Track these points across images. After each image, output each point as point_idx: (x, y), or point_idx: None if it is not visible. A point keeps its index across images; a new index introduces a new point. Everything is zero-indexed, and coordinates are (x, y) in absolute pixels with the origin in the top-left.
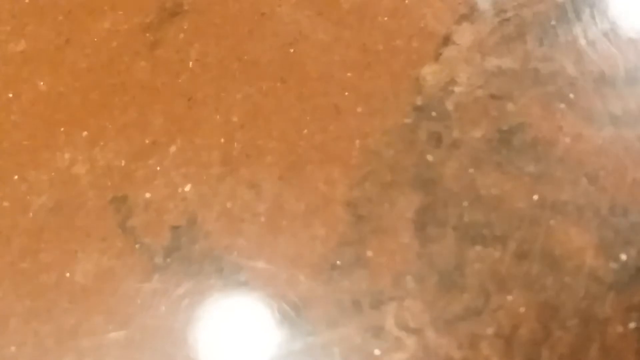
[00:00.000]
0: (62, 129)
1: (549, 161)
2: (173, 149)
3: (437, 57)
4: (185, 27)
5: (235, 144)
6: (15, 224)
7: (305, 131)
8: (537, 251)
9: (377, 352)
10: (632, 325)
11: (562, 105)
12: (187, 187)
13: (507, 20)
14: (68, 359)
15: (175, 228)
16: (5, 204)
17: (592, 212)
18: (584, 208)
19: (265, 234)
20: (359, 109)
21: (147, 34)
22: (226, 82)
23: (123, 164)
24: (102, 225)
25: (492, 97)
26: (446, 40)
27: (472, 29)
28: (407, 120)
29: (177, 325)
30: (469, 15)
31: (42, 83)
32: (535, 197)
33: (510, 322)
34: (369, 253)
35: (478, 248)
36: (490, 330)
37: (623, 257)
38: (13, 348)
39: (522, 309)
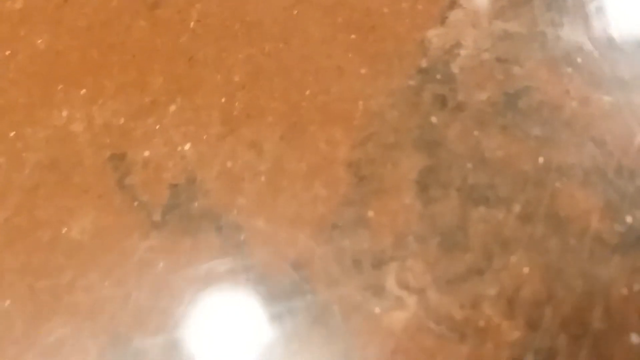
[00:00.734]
0: (59, 87)
1: (555, 124)
2: (173, 108)
3: (443, 20)
4: None
5: (237, 103)
6: (10, 180)
7: (308, 92)
8: (541, 213)
9: (377, 310)
10: (636, 287)
11: (569, 70)
12: (187, 146)
13: None
14: (63, 314)
15: (173, 186)
16: (1, 160)
17: (598, 175)
18: (590, 171)
19: (266, 193)
20: (363, 71)
21: None
22: (228, 42)
23: (122, 122)
24: (100, 183)
25: (498, 60)
26: (452, 3)
27: None
28: (412, 83)
29: (174, 282)
30: None
31: (40, 41)
32: (541, 159)
33: (513, 283)
34: (371, 213)
35: (482, 209)
36: (492, 291)
37: (629, 219)
38: (7, 302)
39: (525, 270)
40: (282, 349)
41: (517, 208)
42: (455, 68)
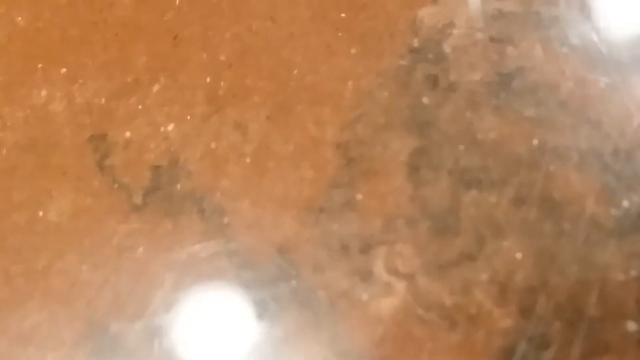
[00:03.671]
0: (39, 65)
1: (550, 106)
2: (156, 87)
3: None
4: None
5: (222, 83)
6: None
7: (296, 71)
8: (535, 196)
9: (365, 296)
10: (633, 272)
11: (565, 50)
12: (170, 127)
13: None
14: (38, 300)
15: (155, 168)
16: None
17: (594, 157)
18: (585, 153)
19: (251, 175)
20: (353, 50)
21: None
22: (214, 20)
23: (103, 102)
24: (79, 164)
25: (492, 40)
26: None
27: None
28: (403, 62)
29: (154, 267)
30: None
31: (19, 18)
32: (535, 141)
33: (506, 268)
34: (359, 196)
35: (474, 192)
36: (484, 276)
37: (625, 203)
38: None
39: (518, 255)
40: (266, 336)
41: (510, 191)
42: (447, 48)
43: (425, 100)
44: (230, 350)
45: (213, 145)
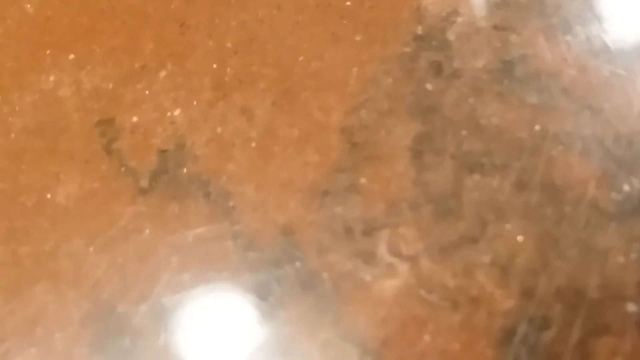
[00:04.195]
0: (48, 52)
1: (552, 92)
2: (163, 73)
3: None
4: None
5: (228, 69)
6: None
7: (301, 58)
8: (537, 181)
9: (368, 278)
10: (633, 256)
11: (568, 38)
12: (177, 112)
13: None
14: (46, 281)
15: (162, 152)
16: None
17: (595, 143)
18: (587, 139)
19: (256, 159)
20: (358, 38)
21: None
22: (221, 8)
23: (110, 88)
24: (87, 148)
25: (495, 28)
26: None
27: None
28: (407, 49)
29: (161, 249)
30: None
31: (29, 6)
32: (537, 127)
33: (508, 251)
34: (363, 180)
35: (476, 177)
36: (486, 259)
37: (626, 188)
38: None
39: (520, 238)
40: (270, 317)
41: (512, 175)
42: (451, 35)
43: (429, 86)
44: (234, 331)
45: (219, 130)
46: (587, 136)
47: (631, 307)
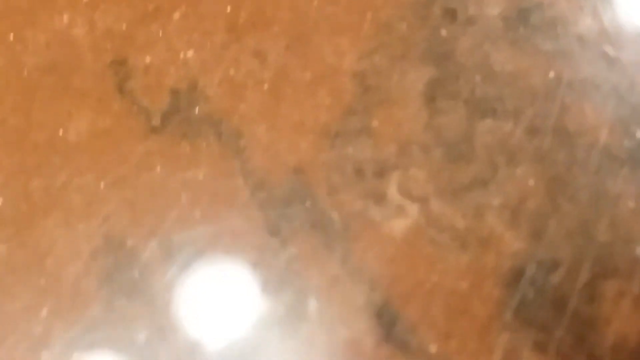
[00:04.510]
0: None
1: (568, 40)
2: (177, 15)
3: None
4: None
5: (242, 12)
6: (8, 82)
7: (316, 2)
8: (549, 127)
9: (377, 217)
10: None
11: None
12: (190, 53)
13: None
14: (56, 215)
15: (174, 91)
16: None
17: (609, 90)
18: (601, 86)
19: (268, 100)
20: None
21: None
22: None
23: (124, 28)
24: (99, 87)
25: None
26: None
27: None
28: None
29: (171, 185)
30: None
31: None
32: (552, 74)
33: (518, 194)
34: (375, 123)
35: (488, 121)
36: (496, 201)
37: (639, 135)
38: (0, 201)
39: (531, 182)
40: (279, 253)
41: (524, 121)
42: None
43: (443, 32)
44: (243, 267)
45: (232, 71)
46: (601, 84)
47: None
